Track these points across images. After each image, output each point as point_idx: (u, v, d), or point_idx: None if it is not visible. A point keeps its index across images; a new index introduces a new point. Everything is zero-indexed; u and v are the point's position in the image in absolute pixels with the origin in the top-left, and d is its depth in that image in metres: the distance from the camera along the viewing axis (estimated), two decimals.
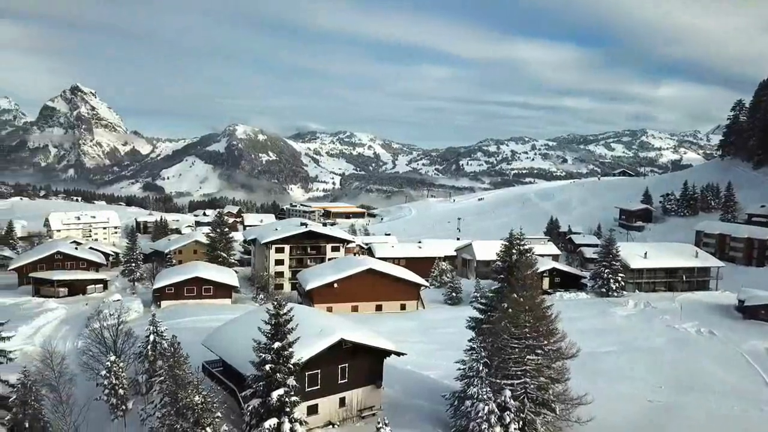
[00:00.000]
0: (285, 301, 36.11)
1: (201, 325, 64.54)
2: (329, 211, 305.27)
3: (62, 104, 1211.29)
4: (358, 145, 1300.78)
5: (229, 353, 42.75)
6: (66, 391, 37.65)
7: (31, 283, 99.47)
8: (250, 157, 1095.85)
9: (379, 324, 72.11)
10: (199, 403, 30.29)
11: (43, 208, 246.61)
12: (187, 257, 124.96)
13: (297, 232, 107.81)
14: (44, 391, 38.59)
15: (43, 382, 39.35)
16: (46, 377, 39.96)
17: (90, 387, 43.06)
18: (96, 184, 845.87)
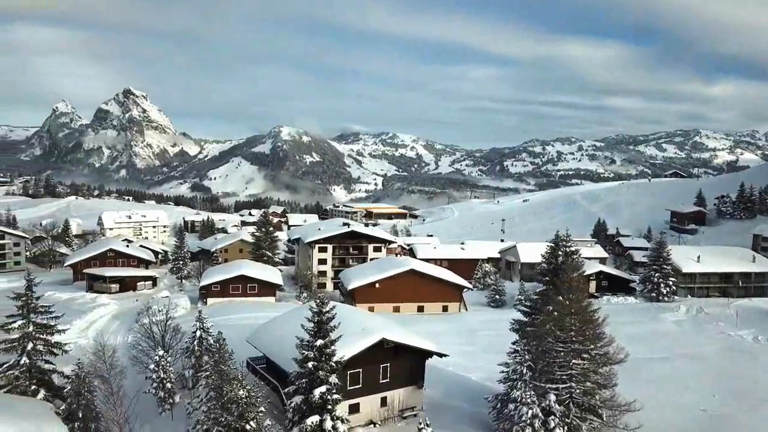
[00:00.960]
0: (327, 300, 36.32)
1: (246, 322, 65.60)
2: (371, 212, 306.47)
3: (115, 107, 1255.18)
4: (401, 146, 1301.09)
5: (272, 350, 43.30)
6: (117, 383, 38.83)
7: (85, 279, 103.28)
8: (294, 158, 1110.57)
9: (420, 325, 71.78)
10: (243, 397, 30.74)
11: (96, 207, 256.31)
12: (232, 256, 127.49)
13: (339, 232, 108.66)
14: (96, 382, 39.90)
15: (96, 374, 40.68)
16: (99, 369, 41.30)
17: (139, 380, 44.33)
18: (146, 185, 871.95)
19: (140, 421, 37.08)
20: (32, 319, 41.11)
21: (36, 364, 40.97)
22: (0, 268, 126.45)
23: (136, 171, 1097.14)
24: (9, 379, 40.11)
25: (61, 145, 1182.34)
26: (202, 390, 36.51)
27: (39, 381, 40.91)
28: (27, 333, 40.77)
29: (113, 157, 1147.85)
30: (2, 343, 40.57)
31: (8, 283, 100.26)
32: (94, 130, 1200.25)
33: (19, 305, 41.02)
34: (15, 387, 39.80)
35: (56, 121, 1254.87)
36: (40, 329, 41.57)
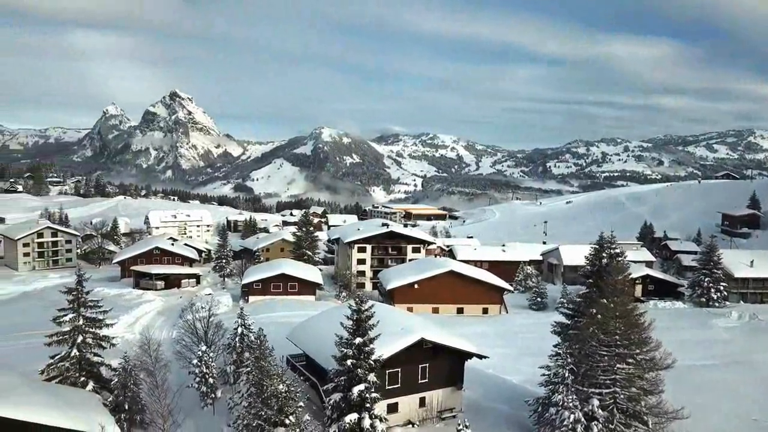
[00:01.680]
0: (366, 298, 36.36)
1: (286, 319, 66.35)
2: (410, 213, 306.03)
3: (162, 109, 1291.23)
4: (441, 146, 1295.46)
5: (311, 347, 43.63)
6: (161, 377, 39.72)
7: (132, 275, 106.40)
8: (334, 159, 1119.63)
9: (460, 326, 71.23)
10: (283, 391, 31.08)
11: (143, 207, 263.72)
12: (274, 255, 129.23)
13: (378, 233, 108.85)
14: (142, 375, 41.00)
15: (141, 368, 41.76)
16: (144, 363, 42.35)
17: (183, 374, 45.30)
18: (191, 185, 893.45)
19: (183, 414, 37.82)
20: (82, 313, 42.56)
21: (85, 356, 42.36)
22: (53, 265, 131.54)
23: (182, 172, 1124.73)
24: (60, 370, 41.61)
25: (110, 146, 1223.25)
26: (243, 385, 37.06)
27: (88, 373, 42.29)
28: (77, 326, 42.22)
29: (160, 158, 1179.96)
30: (55, 335, 42.16)
31: (60, 279, 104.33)
32: (141, 131, 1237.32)
33: (70, 299, 42.55)
34: (66, 378, 41.25)
35: (106, 123, 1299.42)
36: (89, 323, 43.00)
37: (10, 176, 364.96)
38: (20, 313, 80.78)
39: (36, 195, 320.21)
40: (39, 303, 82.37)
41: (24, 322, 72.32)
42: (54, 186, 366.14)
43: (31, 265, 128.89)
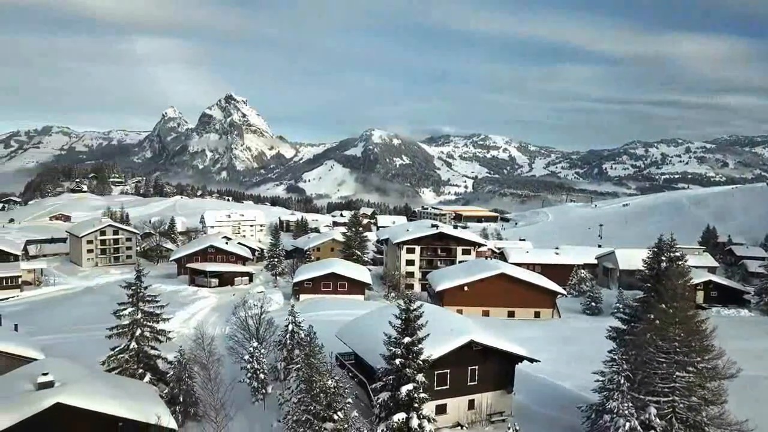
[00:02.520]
0: (415, 298, 36.19)
1: (335, 318, 66.81)
2: (460, 215, 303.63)
3: (218, 112, 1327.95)
4: (493, 147, 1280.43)
5: (360, 346, 43.77)
6: (214, 371, 40.70)
7: (188, 273, 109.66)
8: (384, 160, 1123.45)
9: (510, 330, 69.99)
10: (331, 387, 31.28)
11: (199, 207, 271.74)
12: (324, 254, 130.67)
13: (428, 234, 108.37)
14: (196, 369, 42.11)
15: (196, 361, 42.90)
16: (198, 357, 43.51)
17: (235, 369, 46.25)
18: (245, 186, 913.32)
19: (235, 408, 38.57)
20: (141, 308, 44.14)
21: (143, 349, 43.90)
22: (114, 261, 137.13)
23: (236, 173, 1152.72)
24: (120, 361, 43.25)
25: (169, 148, 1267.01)
26: (293, 382, 37.56)
27: (145, 365, 43.79)
28: (136, 320, 43.81)
29: (215, 159, 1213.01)
30: (115, 328, 43.88)
31: (121, 275, 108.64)
32: (198, 134, 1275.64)
33: (130, 294, 44.22)
34: (125, 369, 42.84)
35: (165, 125, 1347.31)
36: (147, 317, 44.55)
37: (76, 176, 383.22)
38: (84, 306, 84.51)
39: (99, 194, 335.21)
40: (101, 297, 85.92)
41: (87, 315, 75.68)
42: (116, 186, 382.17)
43: (94, 262, 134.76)
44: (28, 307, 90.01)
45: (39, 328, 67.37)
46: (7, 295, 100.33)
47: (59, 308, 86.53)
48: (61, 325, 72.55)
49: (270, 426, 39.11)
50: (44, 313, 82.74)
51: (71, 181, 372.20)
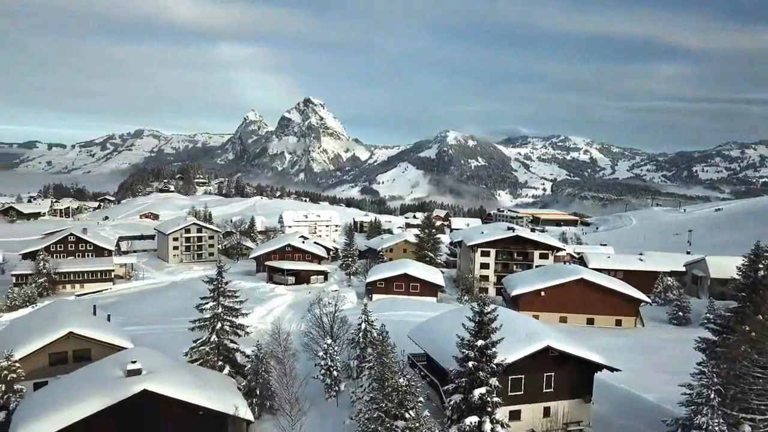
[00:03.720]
0: (489, 301, 35.49)
1: (407, 318, 66.75)
2: (538, 218, 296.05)
3: (296, 115, 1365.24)
4: (573, 149, 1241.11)
5: (432, 347, 43.46)
6: (289, 366, 41.67)
7: (266, 270, 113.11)
8: (459, 162, 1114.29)
9: (590, 337, 67.38)
10: (403, 385, 31.19)
11: (278, 207, 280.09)
12: (397, 255, 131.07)
13: (504, 237, 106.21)
14: (272, 363, 43.26)
15: (272, 356, 44.07)
16: (275, 352, 44.68)
17: (309, 365, 47.11)
18: (321, 187, 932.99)
19: (308, 403, 39.28)
20: (221, 302, 45.86)
21: (223, 342, 45.58)
22: (198, 258, 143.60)
23: (313, 174, 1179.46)
24: (201, 353, 45.10)
25: (250, 150, 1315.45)
26: (366, 380, 37.79)
27: (225, 358, 45.44)
28: (217, 314, 45.54)
29: (293, 161, 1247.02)
30: (197, 321, 45.83)
31: (203, 271, 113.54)
32: (277, 136, 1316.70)
33: (211, 289, 46.07)
34: (206, 361, 44.62)
35: (247, 129, 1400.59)
36: (227, 311, 46.22)
37: (164, 177, 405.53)
38: (169, 300, 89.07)
39: (185, 194, 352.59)
40: (185, 292, 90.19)
41: (172, 308, 79.68)
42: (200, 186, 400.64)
43: (179, 258, 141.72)
44: (119, 299, 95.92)
45: (128, 319, 71.56)
46: (102, 287, 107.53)
47: (147, 301, 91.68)
48: (148, 317, 76.81)
49: (342, 423, 39.51)
50: (133, 305, 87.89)
51: (160, 181, 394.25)
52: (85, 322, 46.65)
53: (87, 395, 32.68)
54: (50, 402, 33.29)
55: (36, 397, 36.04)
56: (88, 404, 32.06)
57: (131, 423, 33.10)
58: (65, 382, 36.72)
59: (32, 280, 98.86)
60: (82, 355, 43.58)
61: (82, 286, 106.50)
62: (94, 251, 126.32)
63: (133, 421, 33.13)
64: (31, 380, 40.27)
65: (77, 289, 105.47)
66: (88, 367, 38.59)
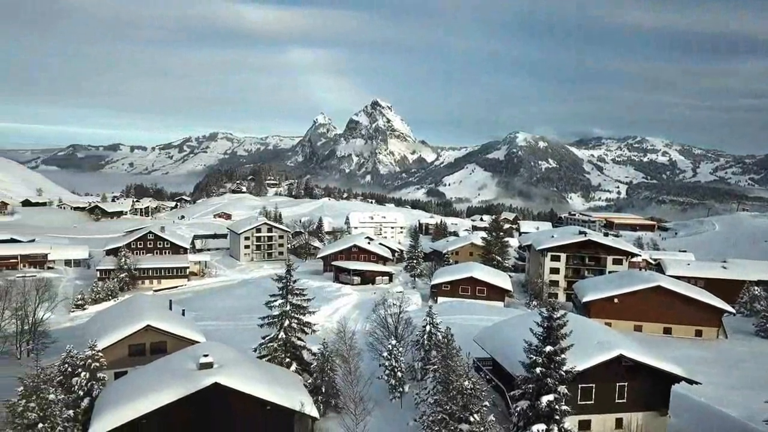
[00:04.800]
0: (559, 306, 34.42)
1: (473, 322, 65.96)
2: (612, 222, 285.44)
3: (364, 118, 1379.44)
4: (650, 151, 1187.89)
5: (499, 351, 42.64)
6: (354, 365, 41.95)
7: (333, 270, 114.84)
8: (529, 164, 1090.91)
9: (666, 347, 64.22)
10: (468, 388, 30.74)
11: (344, 208, 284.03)
12: (463, 258, 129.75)
13: (575, 241, 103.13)
14: (338, 362, 43.71)
15: (337, 354, 44.54)
16: (340, 350, 45.13)
17: (373, 365, 47.31)
18: (387, 189, 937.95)
19: (372, 403, 39.39)
20: (290, 300, 46.81)
21: (290, 339, 46.51)
22: (267, 257, 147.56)
23: (379, 176, 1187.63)
24: (269, 350, 46.21)
25: (318, 152, 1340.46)
26: (430, 382, 37.50)
27: (292, 355, 46.35)
28: (285, 311, 46.53)
29: (360, 163, 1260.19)
30: (266, 318, 46.99)
31: (273, 270, 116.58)
32: (345, 139, 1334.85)
33: (280, 287, 47.10)
34: (274, 357, 45.68)
35: (316, 131, 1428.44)
36: (295, 309, 47.13)
37: (236, 179, 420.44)
38: (240, 297, 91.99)
39: (256, 195, 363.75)
40: (255, 290, 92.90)
41: (242, 305, 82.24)
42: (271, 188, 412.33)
43: (250, 256, 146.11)
44: (193, 295, 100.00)
45: (201, 314, 74.49)
46: (177, 283, 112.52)
47: (219, 297, 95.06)
48: (220, 313, 79.63)
49: (406, 424, 39.39)
50: (206, 301, 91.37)
51: (233, 182, 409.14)
52: (162, 316, 48.84)
53: (162, 386, 34.18)
54: (129, 391, 35.02)
55: (116, 385, 38.03)
56: (163, 395, 33.53)
57: (203, 414, 34.33)
58: (143, 372, 38.55)
59: (114, 275, 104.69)
60: (159, 348, 45.68)
61: (160, 281, 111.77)
62: (171, 249, 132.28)
63: (205, 413, 34.34)
64: (113, 369, 42.53)
65: (155, 284, 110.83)
66: (164, 359, 40.37)
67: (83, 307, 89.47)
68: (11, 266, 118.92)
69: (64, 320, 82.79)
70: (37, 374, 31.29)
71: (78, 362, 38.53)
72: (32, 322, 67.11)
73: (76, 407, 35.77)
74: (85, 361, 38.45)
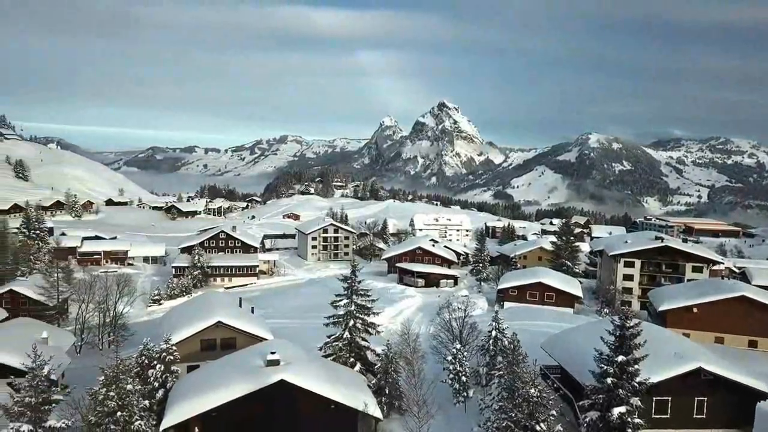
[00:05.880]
0: (632, 314, 32.93)
1: (540, 329, 64.35)
2: (692, 228, 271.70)
3: (430, 119, 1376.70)
4: (735, 152, 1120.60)
5: (566, 360, 41.36)
6: (418, 367, 41.76)
7: (397, 272, 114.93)
8: (601, 166, 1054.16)
9: (751, 362, 60.08)
10: (534, 396, 29.91)
11: (409, 210, 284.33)
12: (530, 262, 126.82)
13: (650, 247, 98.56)
14: (401, 363, 43.65)
15: (401, 356, 44.49)
16: (404, 352, 45.07)
17: (437, 369, 46.96)
18: (453, 191, 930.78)
19: (436, 407, 39.03)
20: (354, 300, 47.21)
21: (355, 339, 46.88)
22: (334, 257, 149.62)
23: (445, 178, 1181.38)
24: (334, 349, 46.78)
25: (384, 155, 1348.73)
26: (495, 388, 36.77)
27: (356, 355, 46.71)
28: (350, 311, 46.97)
29: (426, 165, 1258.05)
30: (332, 317, 47.59)
31: (338, 270, 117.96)
32: (411, 141, 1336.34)
33: (345, 287, 47.59)
34: (338, 357, 46.18)
35: (382, 134, 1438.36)
36: (359, 309, 47.49)
37: (304, 180, 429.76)
38: (306, 296, 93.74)
39: (323, 197, 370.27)
40: (321, 289, 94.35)
41: (309, 304, 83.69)
42: (337, 189, 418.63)
43: (316, 256, 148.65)
44: (262, 293, 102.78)
45: (269, 312, 76.33)
46: (247, 281, 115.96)
47: (286, 296, 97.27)
48: (287, 311, 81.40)
49: (470, 430, 38.81)
50: (274, 299, 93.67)
51: (301, 184, 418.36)
52: (232, 313, 50.38)
53: (231, 381, 35.25)
54: (200, 384, 36.34)
55: (189, 378, 39.57)
56: (232, 389, 34.59)
57: (269, 410, 35.14)
58: (213, 367, 39.92)
59: (188, 273, 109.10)
60: (228, 343, 47.14)
61: (231, 279, 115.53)
62: (242, 248, 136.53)
63: (271, 408, 35.13)
64: (185, 363, 44.24)
65: (226, 282, 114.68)
66: (233, 355, 41.67)
67: (159, 302, 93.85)
68: (95, 262, 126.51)
69: (142, 314, 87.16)
70: (117, 365, 32.91)
71: (154, 355, 40.35)
72: (113, 315, 71.15)
73: (152, 398, 37.44)
74: (160, 354, 40.20)
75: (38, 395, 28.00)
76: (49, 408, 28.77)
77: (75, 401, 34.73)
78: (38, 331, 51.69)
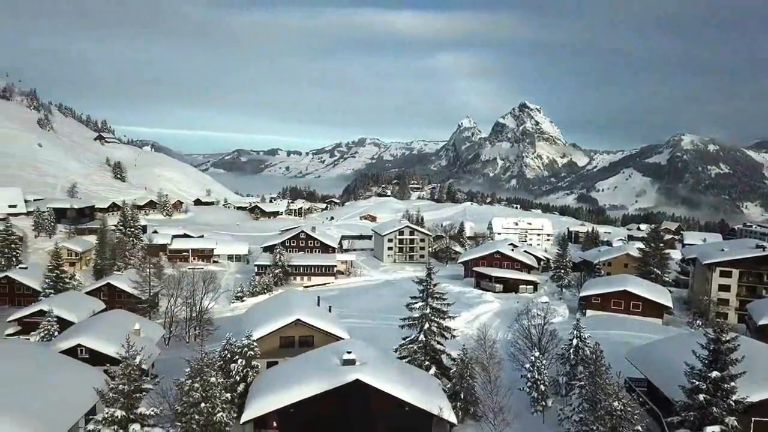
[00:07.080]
0: (728, 328, 30.69)
1: (625, 339, 61.42)
2: None
3: (510, 120, 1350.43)
4: None
5: (654, 373, 39.15)
6: (495, 373, 40.94)
7: (474, 276, 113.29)
8: (695, 169, 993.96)
9: None
10: (618, 409, 28.48)
11: (487, 213, 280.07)
12: (616, 269, 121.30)
13: (751, 256, 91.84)
14: (477, 369, 42.93)
15: (477, 362, 43.76)
16: (480, 358, 44.32)
17: (514, 376, 45.82)
18: (534, 194, 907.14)
19: (512, 415, 38.08)
20: (430, 303, 46.95)
21: (430, 342, 46.62)
22: (409, 259, 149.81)
23: (525, 181, 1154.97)
24: (409, 351, 46.74)
25: (462, 156, 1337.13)
26: (575, 399, 35.44)
27: (431, 358, 46.43)
28: (425, 314, 46.78)
29: (505, 167, 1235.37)
30: (407, 319, 47.56)
31: (413, 272, 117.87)
32: (490, 142, 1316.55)
33: (421, 289, 47.44)
34: (413, 359, 46.08)
35: (460, 135, 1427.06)
36: (435, 313, 47.19)
37: (382, 182, 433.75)
38: (382, 297, 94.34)
39: (400, 199, 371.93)
40: (396, 291, 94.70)
41: (384, 305, 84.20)
42: (414, 191, 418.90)
43: (392, 258, 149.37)
44: (339, 293, 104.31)
45: (346, 312, 77.35)
46: (325, 281, 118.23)
47: (362, 296, 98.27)
48: (362, 311, 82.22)
49: None
50: (351, 299, 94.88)
51: (378, 186, 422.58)
52: (311, 311, 51.49)
53: (309, 378, 35.98)
54: (279, 380, 37.33)
55: (268, 374, 40.75)
56: (309, 386, 35.30)
57: (344, 408, 35.55)
58: (291, 363, 40.92)
59: (270, 271, 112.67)
60: (306, 341, 48.22)
61: (310, 278, 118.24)
62: (321, 248, 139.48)
63: (346, 407, 35.52)
64: (265, 359, 45.61)
65: (305, 281, 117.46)
66: (310, 353, 42.53)
67: (242, 299, 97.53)
68: (184, 259, 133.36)
69: (225, 310, 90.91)
70: (201, 358, 34.39)
71: (236, 350, 41.88)
72: (199, 310, 74.61)
73: (233, 391, 38.86)
74: (241, 349, 41.66)
75: (130, 383, 29.68)
76: (140, 396, 30.43)
77: (163, 390, 36.66)
78: (131, 323, 54.92)
